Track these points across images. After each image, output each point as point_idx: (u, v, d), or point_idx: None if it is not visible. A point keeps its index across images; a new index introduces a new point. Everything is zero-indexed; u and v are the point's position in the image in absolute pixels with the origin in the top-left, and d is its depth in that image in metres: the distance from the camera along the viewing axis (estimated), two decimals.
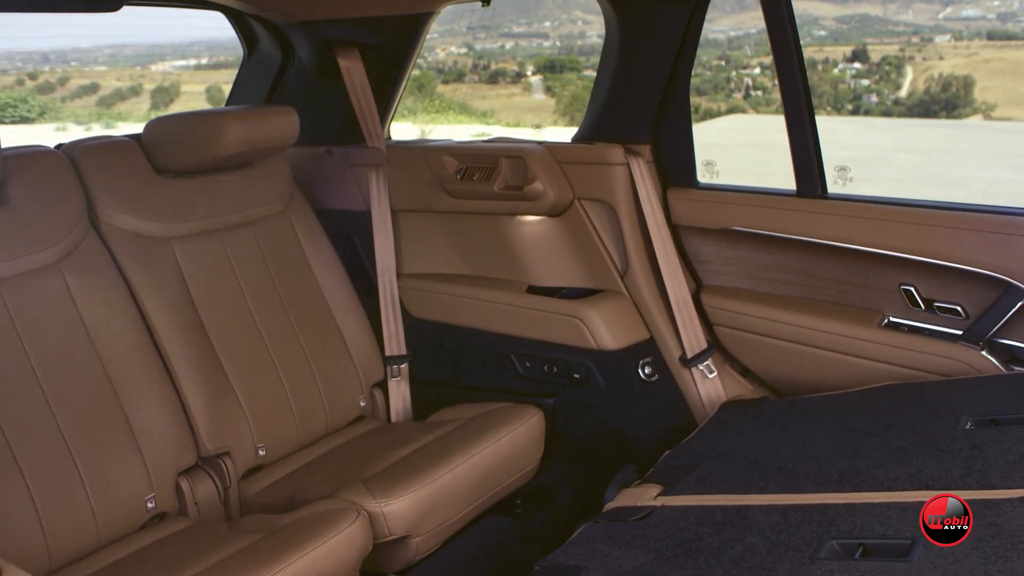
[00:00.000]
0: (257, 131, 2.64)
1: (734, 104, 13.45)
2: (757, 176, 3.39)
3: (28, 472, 2.08)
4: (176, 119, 2.63)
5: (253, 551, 2.03)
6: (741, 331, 2.70)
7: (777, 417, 2.34)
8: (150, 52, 21.23)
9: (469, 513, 2.42)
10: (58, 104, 19.82)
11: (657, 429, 2.73)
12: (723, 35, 13.31)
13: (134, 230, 2.46)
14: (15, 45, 21.30)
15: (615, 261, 2.81)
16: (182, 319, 2.46)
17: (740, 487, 1.97)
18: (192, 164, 2.59)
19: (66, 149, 2.47)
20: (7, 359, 2.13)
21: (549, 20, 19.20)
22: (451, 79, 19.79)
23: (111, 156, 2.52)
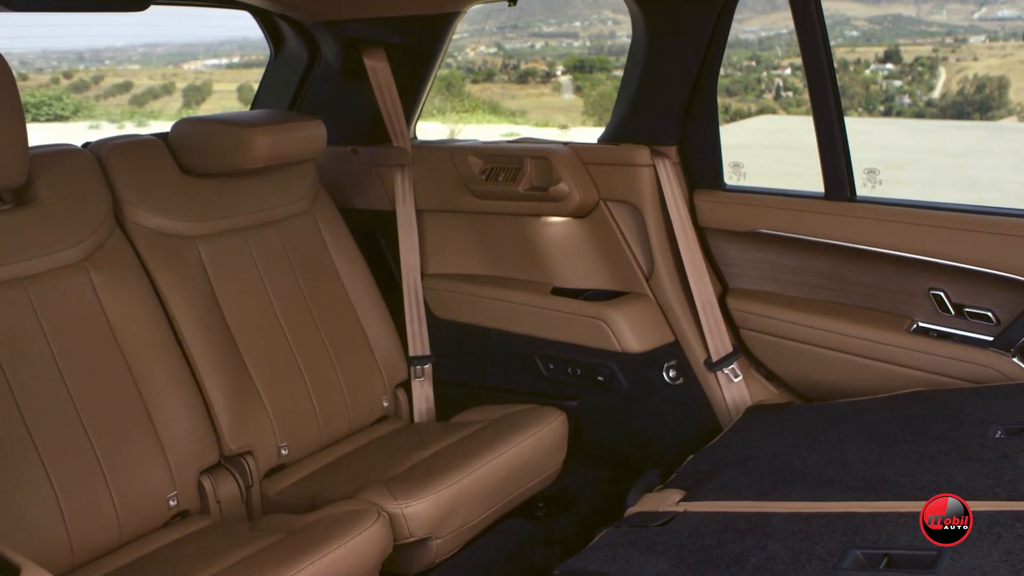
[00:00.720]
0: (283, 145, 2.64)
1: (764, 105, 13.37)
2: (787, 178, 3.36)
3: (52, 469, 2.09)
4: (203, 124, 2.62)
5: (273, 551, 2.02)
6: (767, 335, 2.67)
7: (803, 423, 2.31)
8: (182, 51, 21.42)
9: (490, 515, 2.41)
10: (92, 102, 20.05)
11: (681, 433, 2.70)
12: (754, 35, 13.24)
13: (159, 229, 2.47)
14: (51, 44, 21.55)
15: (640, 263, 2.79)
16: (206, 318, 2.47)
17: (763, 494, 1.94)
18: (217, 170, 2.59)
19: (93, 148, 2.48)
20: (32, 357, 2.14)
21: (579, 20, 19.18)
22: (481, 79, 19.82)
23: (137, 155, 2.52)
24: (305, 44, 3.07)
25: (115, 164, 2.46)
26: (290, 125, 2.68)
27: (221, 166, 2.58)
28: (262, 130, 2.57)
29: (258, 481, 2.46)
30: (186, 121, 2.64)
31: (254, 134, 2.55)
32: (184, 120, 2.64)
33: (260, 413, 2.50)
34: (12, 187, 2.18)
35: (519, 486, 2.47)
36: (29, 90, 19.69)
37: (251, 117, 2.68)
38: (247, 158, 2.55)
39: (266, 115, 2.75)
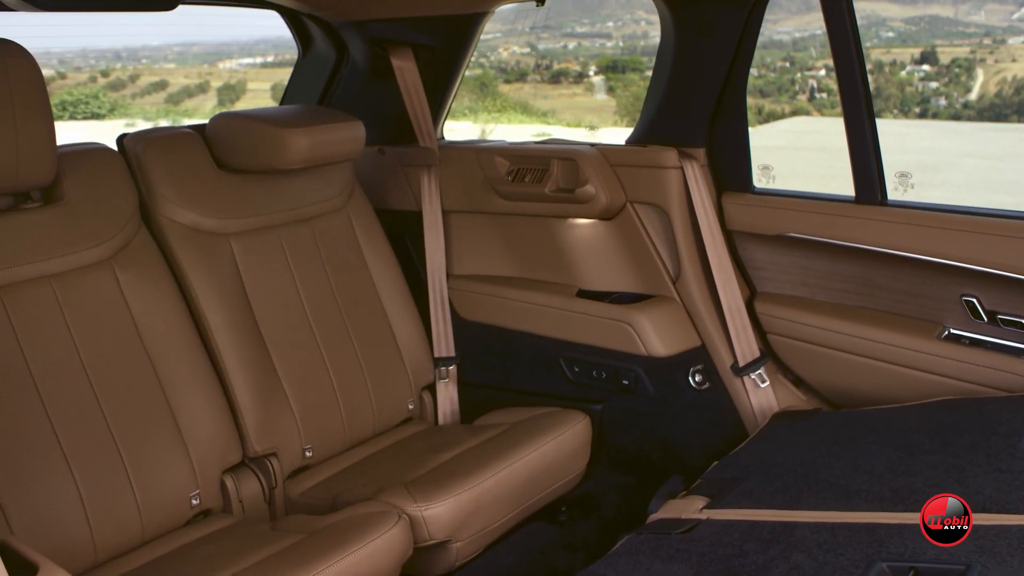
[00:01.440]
0: (322, 146, 2.60)
1: (798, 106, 13.26)
2: (820, 180, 3.32)
3: (75, 466, 2.10)
4: (241, 119, 2.58)
5: (293, 552, 2.02)
6: (795, 340, 2.64)
7: (830, 430, 2.27)
8: (218, 50, 21.65)
9: (511, 519, 2.39)
10: (128, 101, 20.30)
11: (706, 439, 2.67)
12: (788, 36, 13.14)
13: (192, 224, 2.47)
14: (89, 43, 21.84)
15: (667, 266, 2.76)
16: (236, 316, 2.47)
17: (788, 502, 1.91)
18: (253, 168, 2.58)
19: (129, 140, 2.48)
20: (58, 354, 2.15)
21: (612, 20, 19.14)
22: (513, 79, 19.85)
23: (173, 148, 2.52)
24: (333, 44, 3.07)
25: (150, 158, 2.45)
26: (329, 126, 2.64)
27: (258, 164, 2.56)
28: (301, 131, 2.54)
29: (281, 482, 2.46)
30: (224, 116, 2.61)
31: (292, 135, 2.52)
32: (222, 115, 2.61)
33: (286, 414, 2.50)
34: (40, 186, 2.19)
35: (541, 489, 2.46)
36: (67, 88, 19.97)
37: (290, 115, 2.65)
38: (284, 159, 2.53)
39: (305, 113, 2.72)
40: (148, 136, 2.50)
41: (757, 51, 2.63)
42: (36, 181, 2.15)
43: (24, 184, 2.13)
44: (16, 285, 2.13)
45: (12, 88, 2.02)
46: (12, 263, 2.13)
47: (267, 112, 2.66)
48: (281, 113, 2.67)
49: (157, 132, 2.55)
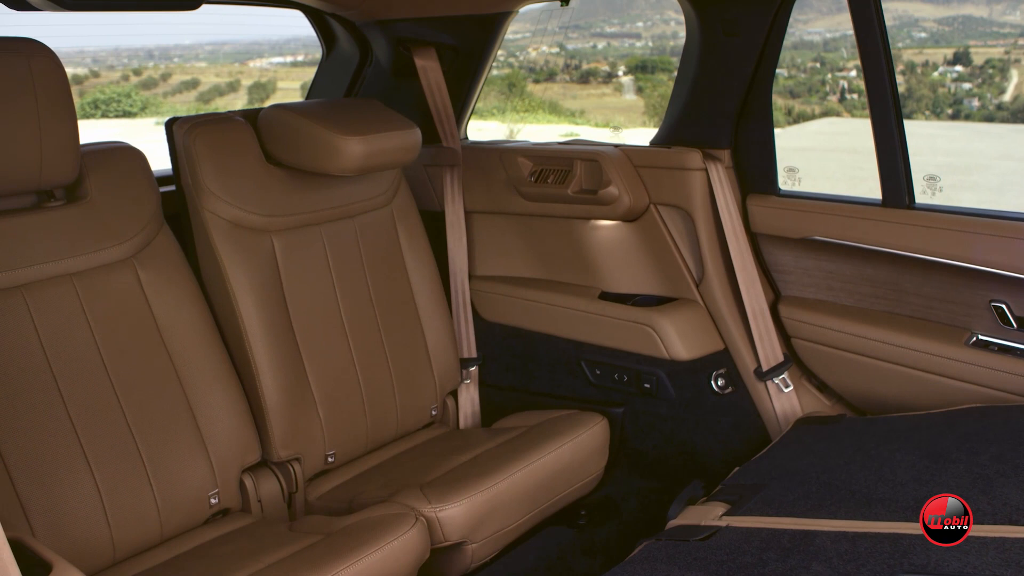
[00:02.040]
0: (377, 156, 2.51)
1: (828, 107, 13.15)
2: (850, 182, 3.27)
3: (95, 464, 2.10)
4: (296, 117, 2.49)
5: (310, 553, 2.02)
6: (820, 345, 2.60)
7: (854, 436, 2.24)
8: (248, 49, 21.77)
9: (528, 521, 2.38)
10: (159, 99, 20.45)
11: (728, 443, 2.64)
12: (818, 37, 13.02)
13: (235, 220, 2.43)
14: (122, 42, 22.05)
15: (690, 269, 2.73)
16: (272, 317, 2.44)
17: (809, 510, 1.88)
18: (304, 168, 2.52)
19: (178, 127, 2.44)
20: (79, 352, 2.16)
21: (642, 20, 19.07)
22: (542, 78, 19.83)
23: (223, 141, 2.46)
24: (357, 43, 3.07)
25: (200, 150, 2.40)
26: (386, 134, 2.53)
27: (309, 166, 2.49)
28: (357, 139, 2.44)
29: (302, 486, 2.46)
30: (278, 109, 2.53)
31: (348, 142, 2.43)
32: (276, 107, 2.53)
33: (313, 420, 2.48)
34: (63, 184, 2.19)
35: (558, 492, 2.44)
36: (100, 87, 20.17)
37: (347, 114, 2.57)
38: (337, 166, 2.45)
39: (363, 113, 2.61)
40: (199, 125, 2.43)
41: (787, 51, 2.60)
42: (59, 179, 2.16)
43: (47, 182, 2.14)
44: (38, 283, 2.14)
45: (36, 87, 2.02)
46: (35, 261, 2.14)
47: (322, 109, 2.57)
48: (337, 111, 2.58)
49: (208, 120, 2.48)
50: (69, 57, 21.20)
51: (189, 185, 2.41)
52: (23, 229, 2.13)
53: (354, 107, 2.70)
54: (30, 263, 2.13)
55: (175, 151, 2.43)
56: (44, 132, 2.05)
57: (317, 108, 2.56)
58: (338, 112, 2.57)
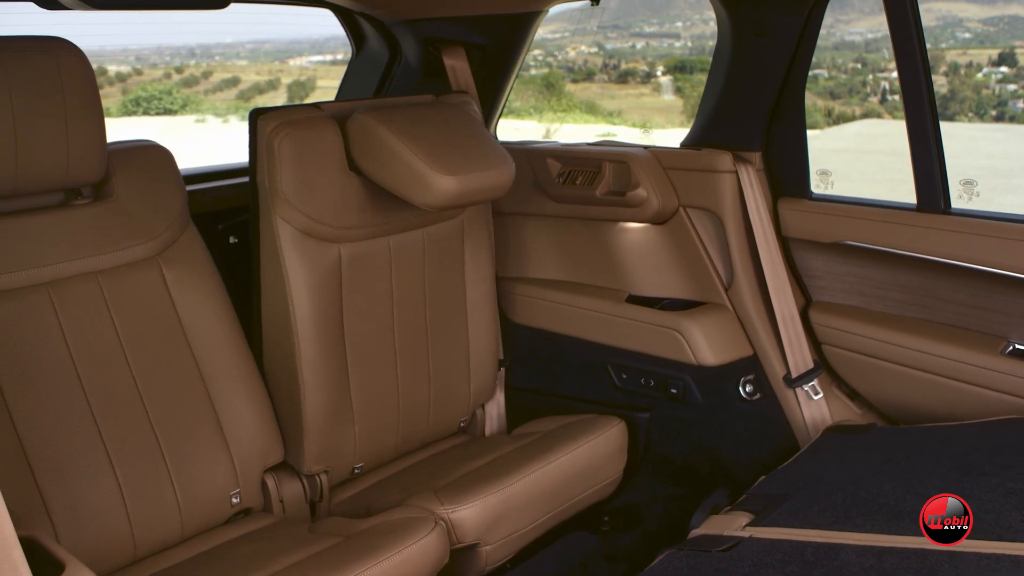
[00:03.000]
0: (468, 195, 2.32)
1: (869, 108, 12.98)
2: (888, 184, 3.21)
3: (117, 461, 2.11)
4: (390, 137, 2.29)
5: (329, 555, 2.01)
6: (851, 351, 2.55)
7: (883, 446, 2.19)
8: (288, 48, 21.92)
9: (543, 523, 2.35)
10: (200, 97, 20.64)
11: (755, 451, 2.60)
12: (860, 37, 12.85)
13: (306, 229, 2.32)
14: (165, 41, 22.32)
15: (719, 273, 2.69)
16: (326, 332, 2.36)
17: (835, 522, 1.84)
18: (385, 188, 2.35)
19: (263, 122, 2.29)
20: (102, 350, 2.16)
21: (681, 20, 18.95)
22: (580, 78, 19.77)
23: (310, 146, 2.31)
24: (386, 43, 3.06)
25: (285, 152, 2.27)
26: (483, 173, 2.33)
27: (393, 190, 2.32)
28: (452, 179, 2.25)
29: (327, 496, 2.45)
30: (372, 119, 2.32)
31: (442, 181, 2.24)
32: (368, 117, 2.33)
33: (347, 436, 2.45)
34: (90, 182, 2.20)
35: (574, 494, 2.41)
36: (142, 84, 20.41)
37: (444, 135, 2.37)
38: (424, 201, 2.27)
39: (461, 134, 2.41)
40: (286, 124, 2.29)
41: (828, 52, 2.56)
42: (86, 178, 2.16)
43: (74, 180, 2.14)
44: (63, 280, 2.15)
45: (64, 86, 2.03)
46: (60, 259, 2.15)
47: (417, 123, 2.36)
48: (433, 129, 2.37)
49: (295, 119, 2.31)
50: (113, 55, 21.49)
51: (264, 186, 2.31)
52: (50, 227, 2.14)
53: (451, 122, 2.47)
54: (56, 260, 2.14)
55: (256, 146, 2.31)
56: (71, 131, 2.06)
57: (411, 121, 2.36)
58: (434, 131, 2.38)
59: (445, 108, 2.56)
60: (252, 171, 2.34)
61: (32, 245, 2.12)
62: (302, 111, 2.36)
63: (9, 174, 2.01)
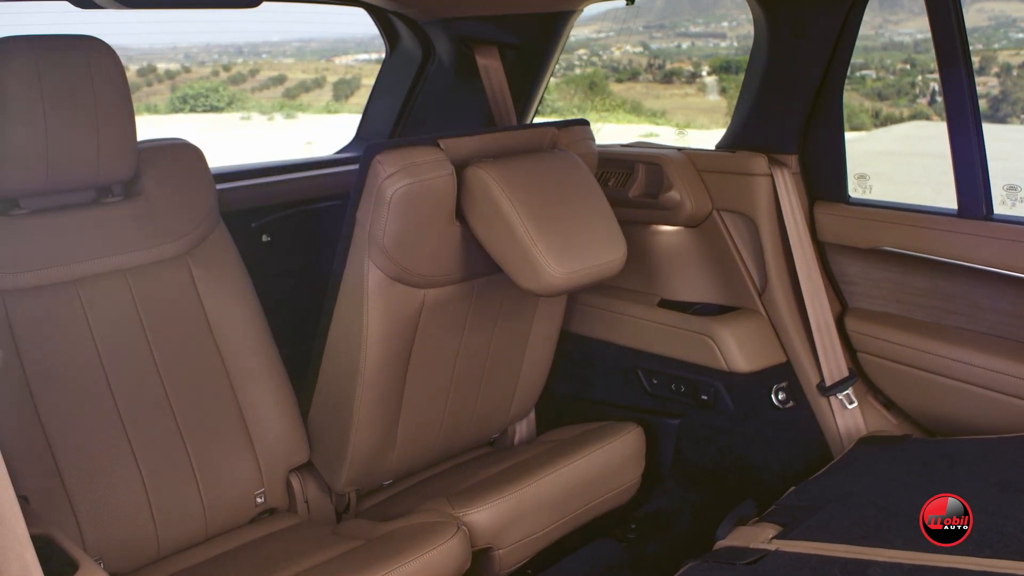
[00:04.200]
0: (577, 285, 2.14)
1: (918, 110, 12.74)
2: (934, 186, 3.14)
3: (142, 459, 2.11)
4: (508, 208, 2.07)
5: (350, 557, 2.01)
6: (887, 360, 2.49)
7: (919, 459, 2.13)
8: (334, 46, 22.03)
9: (557, 528, 2.33)
10: (246, 94, 20.83)
11: (786, 460, 2.55)
12: (909, 37, 12.61)
13: (398, 277, 2.16)
14: (213, 39, 22.58)
15: (753, 278, 2.64)
16: (391, 374, 2.26)
17: (865, 537, 1.79)
18: (489, 252, 2.16)
19: (381, 164, 2.05)
20: (129, 347, 2.17)
21: (727, 20, 18.77)
22: (625, 78, 19.65)
23: (423, 200, 2.09)
24: (419, 42, 3.05)
25: (396, 204, 2.04)
26: (595, 266, 2.16)
27: (497, 259, 2.13)
28: (563, 272, 2.06)
29: (354, 507, 2.44)
30: (492, 179, 2.09)
31: (551, 274, 2.05)
32: (490, 174, 2.09)
33: (386, 461, 2.41)
34: (120, 180, 2.21)
35: (589, 499, 2.38)
36: (189, 82, 20.65)
37: (560, 217, 2.14)
38: (527, 286, 2.09)
39: (580, 211, 2.20)
40: (404, 174, 2.04)
41: (876, 52, 2.50)
42: (116, 176, 2.17)
43: (104, 179, 2.15)
44: (92, 278, 2.16)
45: (95, 84, 2.04)
46: (90, 256, 2.16)
47: (538, 195, 2.13)
48: (552, 203, 2.14)
49: (414, 163, 2.06)
50: (163, 53, 21.75)
51: (364, 227, 2.11)
52: (80, 224, 2.15)
53: (574, 188, 2.23)
54: (86, 258, 2.15)
55: (365, 185, 2.09)
56: (102, 129, 2.06)
57: (532, 187, 2.13)
58: (555, 200, 2.16)
59: (569, 165, 2.27)
60: (354, 204, 2.14)
61: (62, 242, 2.13)
62: (422, 152, 2.09)
63: (40, 172, 2.02)
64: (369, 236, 2.11)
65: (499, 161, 2.15)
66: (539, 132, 2.36)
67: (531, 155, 2.25)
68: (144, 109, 18.92)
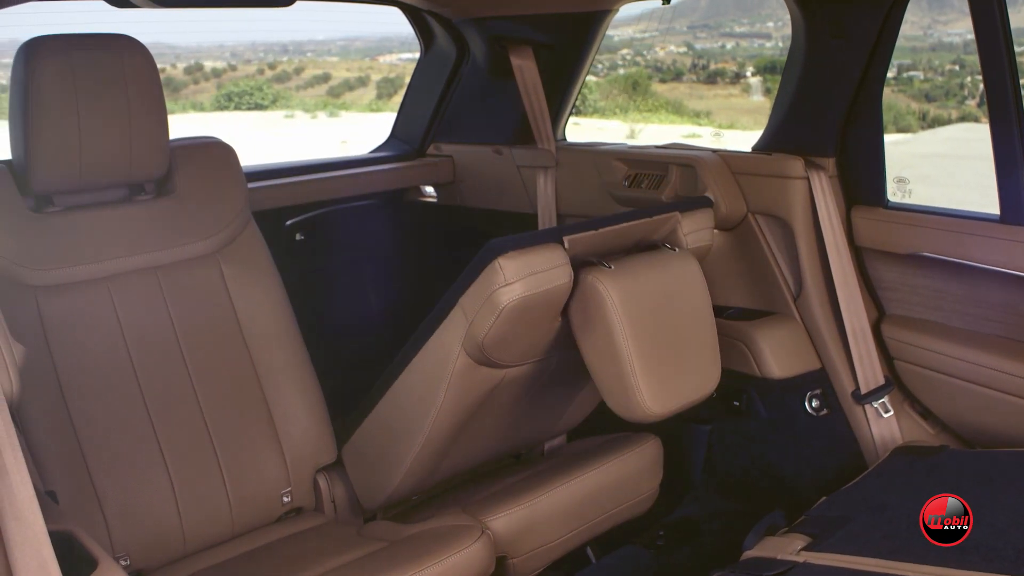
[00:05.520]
0: (666, 412, 2.07)
1: (966, 112, 12.53)
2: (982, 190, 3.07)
3: (169, 456, 2.12)
4: (615, 327, 1.97)
5: (374, 559, 1.99)
6: (925, 368, 2.43)
7: (954, 471, 2.07)
8: (379, 45, 22.18)
9: (573, 538, 2.29)
10: (290, 92, 21.04)
11: (819, 469, 2.50)
12: (959, 38, 12.40)
13: (485, 364, 2.07)
14: (259, 37, 22.82)
15: (788, 282, 2.59)
16: (459, 425, 2.18)
17: (896, 551, 1.74)
18: (584, 357, 2.07)
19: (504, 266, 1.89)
20: (159, 345, 2.18)
21: (772, 20, 18.60)
22: (669, 78, 19.56)
23: (540, 304, 1.98)
24: (454, 41, 3.05)
25: (509, 309, 1.91)
26: (687, 397, 2.10)
27: (592, 372, 2.06)
28: (654, 408, 2.01)
29: (381, 515, 2.42)
30: (605, 290, 1.96)
31: (644, 407, 2.00)
32: (604, 285, 1.96)
33: (425, 484, 2.36)
34: (153, 178, 2.22)
35: (603, 510, 2.33)
36: (235, 80, 20.90)
37: (668, 344, 2.06)
38: (617, 411, 2.05)
39: (686, 341, 2.10)
40: (522, 283, 1.90)
41: (924, 53, 2.45)
42: (149, 174, 2.19)
43: (137, 176, 2.17)
44: (123, 275, 2.18)
45: (128, 83, 2.05)
46: (121, 253, 2.18)
47: (651, 315, 2.02)
48: (664, 330, 2.05)
49: (536, 281, 1.92)
50: (210, 52, 22.03)
51: (465, 319, 1.99)
52: (112, 222, 2.17)
53: (688, 310, 2.13)
54: (116, 255, 2.17)
55: (477, 278, 1.94)
56: (135, 127, 2.08)
57: (647, 309, 2.02)
58: (668, 324, 2.07)
59: (688, 275, 2.15)
60: (461, 288, 1.99)
61: (94, 240, 2.15)
62: (546, 257, 1.93)
63: (73, 169, 2.04)
64: (469, 330, 1.97)
65: (619, 271, 2.01)
66: (663, 220, 2.20)
67: (652, 261, 2.11)
68: (190, 107, 19.18)
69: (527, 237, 1.95)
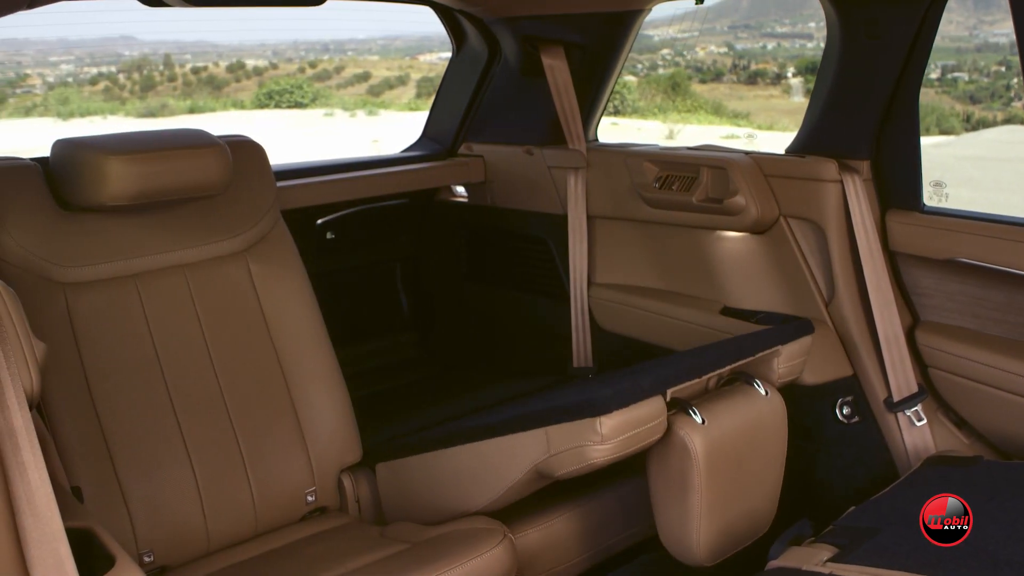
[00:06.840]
0: (714, 557, 2.06)
1: (1012, 113, 12.30)
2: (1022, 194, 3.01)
3: (195, 454, 2.13)
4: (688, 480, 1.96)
5: (395, 561, 1.99)
6: (960, 377, 2.38)
7: (989, 483, 2.02)
8: (419, 44, 22.23)
9: (587, 560, 2.25)
10: (330, 91, 21.14)
11: (849, 478, 2.45)
12: (1005, 39, 12.19)
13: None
14: (300, 36, 22.97)
15: (820, 287, 2.55)
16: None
17: (925, 565, 1.70)
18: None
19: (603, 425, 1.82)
20: (186, 342, 2.19)
21: (814, 20, 18.38)
22: (709, 79, 19.40)
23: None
24: (485, 41, 3.03)
25: (611, 422, 1.83)
26: (740, 545, 2.11)
27: (655, 508, 2.07)
28: (706, 558, 2.03)
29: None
30: (693, 445, 1.94)
31: (695, 557, 2.02)
32: (693, 439, 1.95)
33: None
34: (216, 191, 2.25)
35: (616, 532, 2.30)
36: (275, 78, 21.05)
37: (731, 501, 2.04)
38: (669, 546, 2.06)
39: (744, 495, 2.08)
40: (618, 446, 1.85)
41: (970, 54, 2.39)
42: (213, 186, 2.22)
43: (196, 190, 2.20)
44: (151, 272, 2.19)
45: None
46: (150, 252, 2.19)
47: (723, 464, 2.00)
48: (728, 479, 2.03)
49: (630, 440, 1.87)
50: (252, 50, 22.20)
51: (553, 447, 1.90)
52: (141, 220, 2.19)
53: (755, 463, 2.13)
54: (145, 253, 2.19)
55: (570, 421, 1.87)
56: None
57: (723, 458, 2.01)
58: (739, 472, 2.07)
59: (774, 423, 2.15)
60: (550, 416, 1.92)
61: (122, 237, 2.17)
62: (647, 413, 1.89)
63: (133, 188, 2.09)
64: (548, 460, 1.92)
65: (711, 425, 1.97)
66: (763, 357, 2.17)
67: (742, 408, 2.08)
68: (231, 104, 19.34)
69: (630, 390, 1.85)
